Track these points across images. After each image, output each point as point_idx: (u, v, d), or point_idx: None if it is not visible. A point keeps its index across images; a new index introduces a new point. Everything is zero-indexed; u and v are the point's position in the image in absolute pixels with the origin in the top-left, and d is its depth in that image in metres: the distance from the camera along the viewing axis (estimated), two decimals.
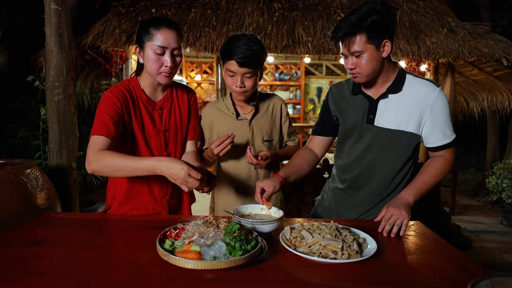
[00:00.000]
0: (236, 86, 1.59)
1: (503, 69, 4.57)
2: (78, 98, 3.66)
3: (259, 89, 1.80)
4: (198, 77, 7.07)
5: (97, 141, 1.32)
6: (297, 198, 3.95)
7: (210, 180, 1.41)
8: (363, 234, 1.27)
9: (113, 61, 4.02)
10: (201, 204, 4.72)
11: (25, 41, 5.47)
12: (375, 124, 1.50)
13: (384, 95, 1.49)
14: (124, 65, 4.08)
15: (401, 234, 1.33)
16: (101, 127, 1.35)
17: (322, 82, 7.74)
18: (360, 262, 1.08)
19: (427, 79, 1.51)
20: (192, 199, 1.69)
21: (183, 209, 1.64)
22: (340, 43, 1.39)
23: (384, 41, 1.36)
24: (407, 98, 1.46)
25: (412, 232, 1.39)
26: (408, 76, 1.49)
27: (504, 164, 4.93)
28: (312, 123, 7.43)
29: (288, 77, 7.57)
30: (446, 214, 4.05)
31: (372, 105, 1.50)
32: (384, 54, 1.39)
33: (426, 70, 4.34)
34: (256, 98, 1.75)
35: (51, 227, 1.36)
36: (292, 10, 3.97)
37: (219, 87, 4.14)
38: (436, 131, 1.46)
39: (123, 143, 1.46)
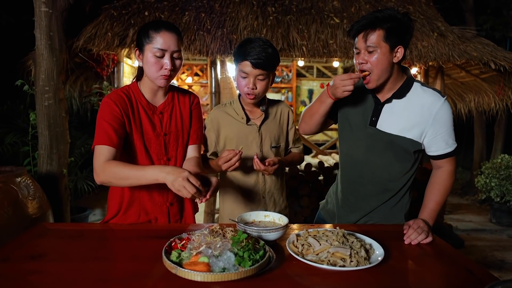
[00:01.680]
0: (248, 87, 1.58)
1: (490, 72, 4.68)
2: (67, 102, 3.58)
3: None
4: (189, 80, 7.01)
5: (101, 152, 1.34)
6: (293, 200, 3.94)
7: (211, 189, 1.38)
8: (368, 240, 1.26)
9: (104, 64, 3.95)
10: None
11: (11, 43, 5.34)
12: (377, 127, 1.51)
13: (389, 100, 1.50)
14: (115, 68, 4.02)
15: (417, 242, 1.33)
16: (103, 137, 1.35)
17: (313, 84, 7.76)
18: (368, 269, 1.07)
19: (434, 89, 1.52)
20: (195, 209, 1.66)
21: (186, 217, 1.61)
22: (358, 35, 1.41)
23: (398, 47, 1.39)
24: (412, 106, 1.47)
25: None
26: (415, 84, 1.50)
27: (492, 164, 5.04)
28: None
29: (279, 79, 7.58)
30: (439, 214, 4.11)
31: (377, 108, 1.52)
32: (395, 60, 1.41)
33: (417, 73, 4.41)
34: (265, 103, 1.73)
35: (48, 239, 1.31)
36: (286, 14, 3.97)
37: (213, 90, 4.10)
38: (439, 140, 1.47)
39: (124, 148, 1.44)
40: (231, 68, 5.06)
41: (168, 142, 1.52)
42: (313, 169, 4.06)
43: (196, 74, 7.09)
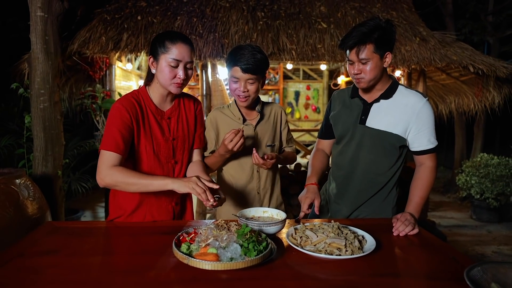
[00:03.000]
0: (239, 90, 1.68)
1: (469, 74, 4.90)
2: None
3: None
4: None
5: (108, 157, 1.41)
6: (284, 199, 4.03)
7: (218, 197, 1.46)
8: (361, 232, 1.37)
9: (97, 67, 3.98)
10: None
11: (2, 46, 5.27)
12: (366, 124, 1.66)
13: (376, 100, 1.66)
14: (107, 71, 4.04)
15: (404, 233, 1.44)
16: (111, 143, 1.42)
17: (300, 86, 7.91)
18: (362, 257, 1.18)
19: (416, 90, 1.68)
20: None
21: (187, 215, 1.70)
22: (350, 49, 1.55)
23: (386, 53, 1.54)
24: (397, 105, 1.63)
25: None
26: (400, 87, 1.67)
27: (472, 162, 5.24)
28: (291, 126, 7.57)
29: (267, 81, 7.69)
30: (422, 211, 4.28)
31: (366, 108, 1.67)
32: (385, 64, 1.57)
33: (400, 76, 4.58)
34: (259, 104, 1.84)
35: (58, 236, 1.37)
36: (275, 19, 4.09)
37: (204, 92, 4.17)
38: (421, 137, 1.62)
39: (132, 152, 1.51)
40: (222, 71, 5.14)
41: (176, 146, 1.59)
42: (302, 169, 4.18)
43: None
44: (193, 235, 1.23)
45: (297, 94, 7.92)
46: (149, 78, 1.57)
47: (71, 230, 1.45)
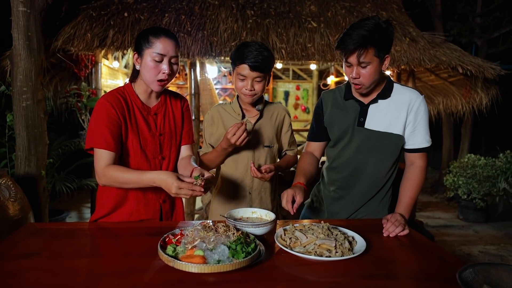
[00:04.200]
0: (246, 89, 1.64)
1: (457, 76, 4.96)
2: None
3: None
4: None
5: (101, 156, 1.41)
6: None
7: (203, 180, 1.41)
8: (350, 233, 1.35)
9: (82, 65, 3.89)
10: None
11: None
12: (365, 126, 1.62)
13: (374, 101, 1.61)
14: (93, 69, 3.96)
15: (394, 234, 1.42)
16: (101, 140, 1.40)
17: (289, 86, 7.91)
18: (352, 258, 1.16)
19: (411, 87, 1.66)
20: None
21: (177, 215, 1.66)
22: (350, 54, 1.47)
23: (385, 56, 1.49)
24: (395, 104, 1.60)
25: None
26: (395, 85, 1.63)
27: (460, 163, 5.30)
28: None
29: None
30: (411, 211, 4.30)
31: (363, 109, 1.62)
32: (384, 68, 1.52)
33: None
34: (262, 103, 1.79)
35: (40, 238, 1.32)
36: (264, 17, 4.06)
37: (193, 91, 4.11)
38: (416, 134, 1.60)
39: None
40: (211, 70, 5.10)
41: (163, 142, 1.58)
42: (292, 169, 4.16)
43: None
44: (179, 236, 1.20)
45: (286, 94, 7.92)
46: (134, 74, 1.55)
47: (54, 231, 1.40)
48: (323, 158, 1.87)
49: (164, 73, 1.45)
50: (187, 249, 1.11)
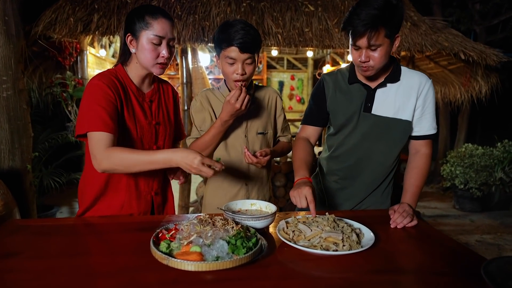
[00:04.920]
0: (237, 74, 1.51)
1: (458, 63, 4.85)
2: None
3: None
4: None
5: (100, 138, 1.26)
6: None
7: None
8: (357, 224, 1.27)
9: (66, 53, 3.71)
10: None
11: None
12: (372, 112, 1.52)
13: (382, 84, 1.51)
14: (79, 58, 3.79)
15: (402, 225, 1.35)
16: (98, 122, 1.26)
17: (284, 76, 7.81)
18: (360, 252, 1.08)
19: (418, 71, 1.55)
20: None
21: (168, 208, 1.57)
22: (360, 36, 1.33)
23: (396, 36, 1.38)
24: (404, 87, 1.50)
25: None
26: (402, 68, 1.53)
27: (457, 153, 5.28)
28: None
29: None
30: None
31: (370, 94, 1.52)
32: (394, 49, 1.41)
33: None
34: (251, 88, 1.68)
35: (21, 236, 1.22)
36: (259, 0, 3.89)
37: (185, 80, 3.97)
38: (423, 120, 1.52)
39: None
40: (203, 57, 4.95)
41: (158, 131, 1.48)
42: (288, 159, 4.08)
43: None
44: (173, 231, 1.11)
45: (281, 84, 7.83)
46: (126, 57, 1.42)
47: (37, 228, 1.29)
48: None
49: (163, 56, 1.35)
50: (182, 245, 1.02)
